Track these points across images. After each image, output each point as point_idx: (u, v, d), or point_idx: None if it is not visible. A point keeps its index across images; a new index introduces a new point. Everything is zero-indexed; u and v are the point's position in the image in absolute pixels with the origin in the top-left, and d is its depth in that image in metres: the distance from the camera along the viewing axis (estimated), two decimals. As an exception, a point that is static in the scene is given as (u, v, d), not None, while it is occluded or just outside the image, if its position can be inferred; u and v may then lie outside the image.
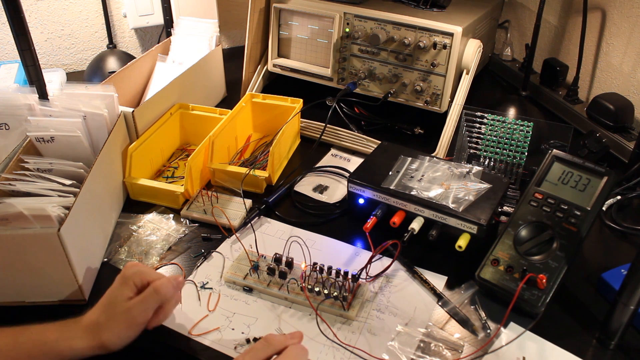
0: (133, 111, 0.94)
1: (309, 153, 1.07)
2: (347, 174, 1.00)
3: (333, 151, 1.10)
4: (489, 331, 0.71)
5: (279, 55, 1.25)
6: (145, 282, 0.67)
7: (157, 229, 0.88)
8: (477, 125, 0.96)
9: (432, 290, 0.77)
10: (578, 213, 0.76)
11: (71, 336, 0.63)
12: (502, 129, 0.94)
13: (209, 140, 0.95)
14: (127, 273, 0.67)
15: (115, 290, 0.66)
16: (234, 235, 0.86)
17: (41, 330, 0.64)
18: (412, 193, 0.83)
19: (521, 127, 0.93)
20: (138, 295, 0.66)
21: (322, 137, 1.06)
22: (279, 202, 0.95)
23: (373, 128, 1.16)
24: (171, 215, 0.91)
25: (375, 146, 1.01)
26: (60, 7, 1.39)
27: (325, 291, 0.73)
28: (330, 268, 0.75)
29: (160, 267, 0.81)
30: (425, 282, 0.78)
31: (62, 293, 0.74)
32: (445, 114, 1.08)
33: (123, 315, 0.64)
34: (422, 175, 0.87)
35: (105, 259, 0.82)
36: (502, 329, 0.71)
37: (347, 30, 1.13)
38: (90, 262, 0.78)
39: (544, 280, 0.70)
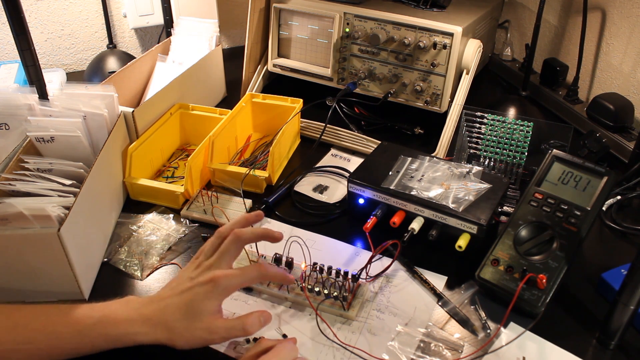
0: (133, 111, 0.94)
1: (309, 153, 1.07)
2: (347, 174, 1.00)
3: (333, 151, 1.10)
4: (489, 331, 0.71)
5: (279, 55, 1.25)
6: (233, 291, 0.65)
7: (157, 229, 0.88)
8: (477, 125, 0.96)
9: (432, 290, 0.77)
10: (578, 213, 0.76)
11: (138, 332, 0.61)
12: (502, 129, 0.94)
13: (209, 140, 0.95)
14: (221, 285, 0.62)
15: (199, 300, 0.61)
16: (234, 235, 0.86)
17: (104, 324, 0.61)
18: (412, 193, 0.83)
19: (521, 127, 0.92)
20: (224, 320, 0.63)
21: (322, 137, 1.06)
22: (279, 202, 0.95)
23: (373, 128, 1.16)
24: (171, 215, 0.91)
25: (375, 146, 1.01)
26: (60, 7, 1.39)
27: (325, 291, 0.73)
28: (330, 268, 0.75)
29: (160, 266, 0.81)
30: (425, 282, 0.78)
31: (62, 293, 0.74)
32: (445, 114, 1.08)
33: (203, 332, 0.61)
34: (422, 175, 0.87)
35: (105, 259, 0.82)
36: (502, 329, 0.71)
37: (347, 30, 1.13)
38: (90, 262, 0.78)
39: (544, 280, 0.70)
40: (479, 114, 0.95)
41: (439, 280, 0.79)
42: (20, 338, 0.61)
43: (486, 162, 0.96)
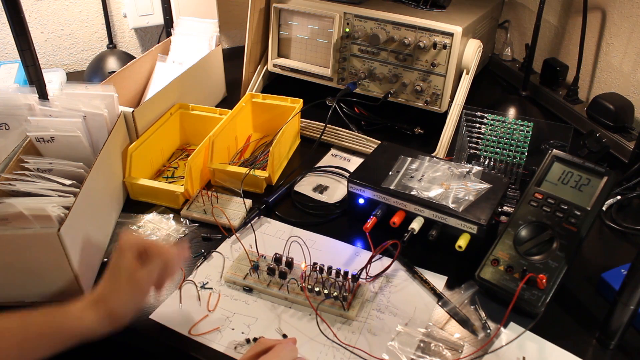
0: (133, 111, 0.94)
1: (309, 153, 1.07)
2: (347, 174, 1.00)
3: (333, 151, 1.10)
4: (489, 331, 0.71)
5: (279, 55, 1.25)
6: (141, 248, 0.67)
7: (157, 229, 0.88)
8: (477, 125, 0.96)
9: (432, 290, 0.77)
10: (578, 213, 0.76)
11: (78, 309, 0.64)
12: (502, 129, 0.94)
13: (209, 140, 0.95)
14: (121, 243, 0.67)
15: (115, 262, 0.67)
16: (234, 235, 0.86)
17: (48, 310, 0.64)
18: (412, 193, 0.83)
19: (521, 127, 0.93)
20: (145, 267, 0.66)
21: (322, 137, 1.06)
22: (279, 202, 0.95)
23: (373, 128, 1.16)
24: (171, 215, 0.91)
25: (375, 146, 1.01)
26: (60, 7, 1.39)
27: (325, 291, 0.73)
28: (330, 268, 0.75)
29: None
30: (425, 282, 0.78)
31: (62, 293, 0.74)
32: (445, 114, 1.08)
33: (127, 281, 0.65)
34: (422, 175, 0.87)
35: (105, 259, 0.82)
36: (502, 329, 0.71)
37: (347, 30, 1.13)
38: (90, 262, 0.78)
39: (544, 280, 0.70)
40: (479, 114, 0.95)
41: (439, 280, 0.79)
42: None
43: (486, 162, 0.96)
